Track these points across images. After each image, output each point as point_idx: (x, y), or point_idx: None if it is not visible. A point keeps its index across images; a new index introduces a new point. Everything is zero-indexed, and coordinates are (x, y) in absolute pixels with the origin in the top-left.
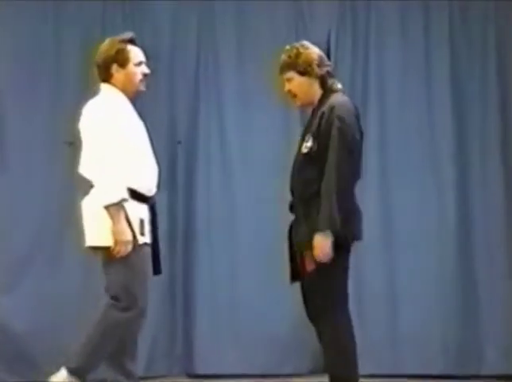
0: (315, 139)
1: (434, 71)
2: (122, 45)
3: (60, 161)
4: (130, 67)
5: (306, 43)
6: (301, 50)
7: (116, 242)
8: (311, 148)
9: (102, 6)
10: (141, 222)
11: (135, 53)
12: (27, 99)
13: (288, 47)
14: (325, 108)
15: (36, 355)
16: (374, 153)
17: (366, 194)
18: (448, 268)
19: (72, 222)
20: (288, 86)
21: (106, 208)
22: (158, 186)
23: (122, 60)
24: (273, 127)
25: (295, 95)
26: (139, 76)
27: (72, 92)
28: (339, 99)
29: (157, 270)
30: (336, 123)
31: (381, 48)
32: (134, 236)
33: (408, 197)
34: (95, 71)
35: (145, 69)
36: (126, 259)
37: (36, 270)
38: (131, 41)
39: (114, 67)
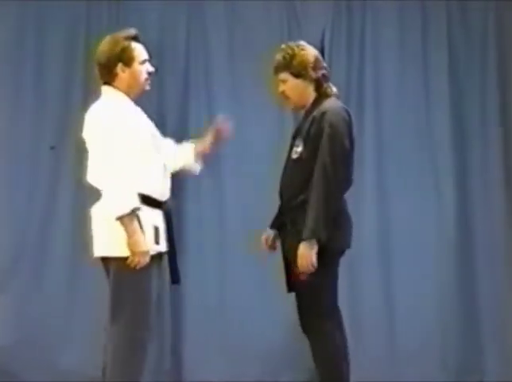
0: (305, 145)
1: (432, 71)
2: (126, 43)
3: (43, 166)
4: (136, 65)
5: (303, 43)
6: (297, 51)
7: (133, 253)
8: (301, 154)
9: (86, 6)
10: (156, 230)
11: (140, 51)
12: (9, 100)
13: (283, 46)
14: (316, 113)
15: (18, 368)
16: (370, 156)
17: (363, 200)
18: (447, 279)
19: (56, 230)
20: (282, 87)
21: (119, 218)
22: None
23: (127, 58)
24: (266, 129)
25: (287, 97)
26: (144, 75)
27: (56, 94)
28: (332, 104)
29: (174, 279)
30: (327, 130)
31: (377, 49)
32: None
33: (406, 204)
34: (97, 71)
35: (149, 67)
36: (139, 270)
37: (19, 280)
38: (135, 38)
39: (120, 66)
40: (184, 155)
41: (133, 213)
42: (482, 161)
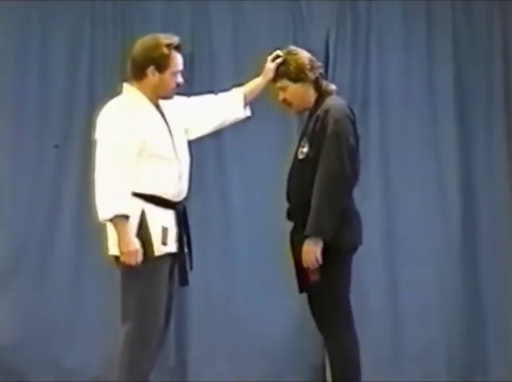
0: (310, 144)
1: (437, 73)
2: (167, 51)
3: (47, 165)
4: (167, 74)
5: (293, 48)
6: (290, 57)
7: (121, 253)
8: (307, 153)
9: (90, 5)
10: (164, 230)
11: (177, 62)
12: (14, 100)
13: None
14: (320, 112)
15: (22, 367)
16: (375, 158)
17: (367, 201)
18: (451, 279)
19: (60, 229)
20: (282, 95)
21: (104, 221)
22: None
23: (162, 65)
24: (270, 132)
25: (290, 104)
26: (172, 85)
27: (60, 93)
28: (334, 101)
29: (182, 281)
30: (331, 127)
31: (382, 49)
32: (151, 248)
33: (410, 205)
34: (129, 65)
35: (179, 79)
36: (141, 270)
37: (22, 279)
38: (177, 48)
39: (151, 69)
40: (230, 108)
41: (123, 215)
42: (488, 161)
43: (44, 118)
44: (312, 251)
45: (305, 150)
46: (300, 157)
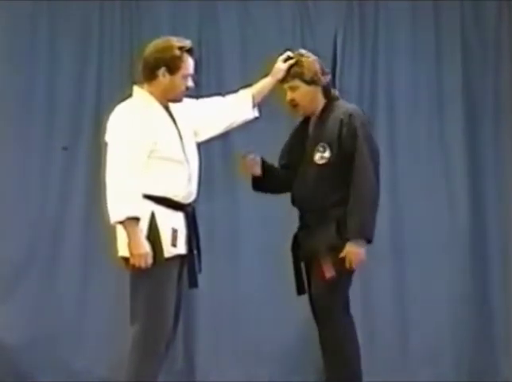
0: (332, 149)
1: (446, 74)
2: (179, 53)
3: (56, 167)
4: (178, 77)
5: (304, 51)
6: (304, 59)
7: (131, 255)
8: (329, 158)
9: (99, 6)
10: (174, 232)
11: (188, 65)
12: (22, 102)
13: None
14: (341, 116)
15: (31, 368)
16: (382, 160)
17: None
18: (460, 279)
19: (69, 230)
20: (291, 95)
21: (115, 223)
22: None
23: (173, 67)
24: (279, 133)
25: (297, 105)
26: (182, 88)
27: (68, 94)
28: (349, 105)
29: (191, 283)
30: (361, 131)
31: (390, 49)
32: (161, 249)
33: (418, 206)
34: (140, 66)
35: (189, 83)
36: (150, 272)
37: (31, 280)
38: (189, 51)
39: (162, 70)
40: (238, 110)
41: (133, 218)
42: (495, 161)
43: (52, 120)
44: (359, 253)
45: (326, 155)
46: (321, 162)
